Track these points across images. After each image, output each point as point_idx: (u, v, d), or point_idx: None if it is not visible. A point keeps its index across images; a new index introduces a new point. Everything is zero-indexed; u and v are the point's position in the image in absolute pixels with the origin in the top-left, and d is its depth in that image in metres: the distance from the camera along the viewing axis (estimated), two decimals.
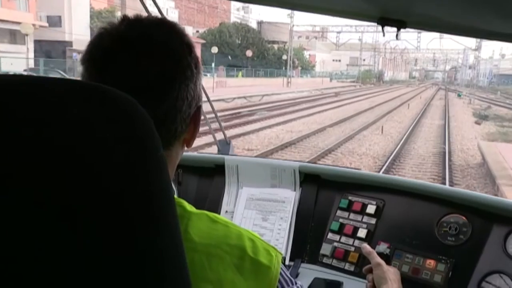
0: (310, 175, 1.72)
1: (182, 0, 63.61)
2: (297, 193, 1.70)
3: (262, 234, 1.61)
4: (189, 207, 0.73)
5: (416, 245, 1.50)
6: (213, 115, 2.00)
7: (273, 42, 62.31)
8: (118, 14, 41.52)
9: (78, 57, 37.33)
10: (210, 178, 1.82)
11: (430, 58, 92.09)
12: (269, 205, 1.69)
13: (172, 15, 63.61)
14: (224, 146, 2.01)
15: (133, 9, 46.61)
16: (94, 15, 39.72)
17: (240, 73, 45.42)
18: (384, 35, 1.39)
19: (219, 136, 2.10)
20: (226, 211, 1.73)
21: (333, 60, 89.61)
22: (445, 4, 1.07)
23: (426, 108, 26.40)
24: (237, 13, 76.36)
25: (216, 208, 1.74)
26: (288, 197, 1.69)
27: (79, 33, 36.29)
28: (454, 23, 1.31)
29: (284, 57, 44.98)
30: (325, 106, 24.81)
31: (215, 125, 2.08)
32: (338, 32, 78.38)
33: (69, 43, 35.93)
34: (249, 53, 48.68)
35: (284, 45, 62.32)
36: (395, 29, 1.33)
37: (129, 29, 0.72)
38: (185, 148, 0.79)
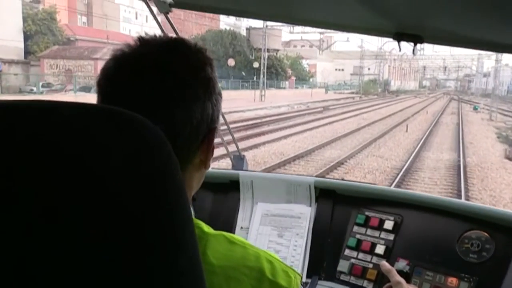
0: (325, 191, 1.70)
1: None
2: (313, 209, 1.68)
3: (278, 251, 1.61)
4: (207, 228, 0.74)
5: (437, 262, 1.45)
6: (225, 127, 1.97)
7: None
8: (57, 16, 36.01)
9: (2, 67, 31.56)
10: (224, 194, 1.80)
11: (440, 65, 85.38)
12: (284, 221, 1.67)
13: (153, 23, 58.02)
14: (238, 161, 2.05)
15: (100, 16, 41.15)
16: (29, 17, 33.70)
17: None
18: (400, 49, 1.43)
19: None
20: (241, 227, 1.71)
21: (336, 70, 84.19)
22: (462, 18, 1.11)
23: (432, 129, 19.55)
24: (227, 20, 70.55)
25: (231, 224, 1.72)
26: (304, 213, 1.67)
27: (8, 38, 30.35)
28: (472, 37, 1.33)
29: (256, 64, 38.54)
30: (296, 128, 18.32)
31: (227, 138, 1.94)
32: (333, 41, 72.16)
33: None
34: (231, 62, 43.03)
35: (276, 53, 56.72)
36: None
37: (137, 51, 0.73)
38: (204, 169, 0.79)
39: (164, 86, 0.70)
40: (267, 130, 16.85)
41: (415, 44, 1.33)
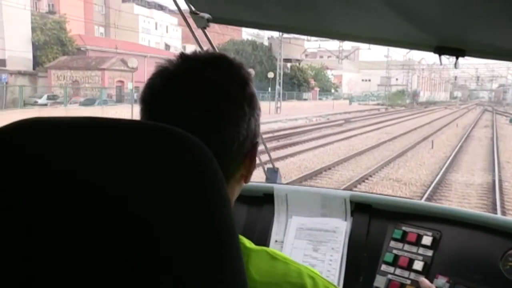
0: (361, 205, 1.67)
1: (188, 18, 56.78)
2: (348, 223, 1.65)
3: (313, 265, 1.60)
4: (248, 243, 0.75)
5: (479, 280, 1.42)
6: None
7: (286, 60, 54.57)
8: (67, 26, 35.10)
9: (9, 79, 31.05)
10: (259, 207, 1.79)
11: (472, 75, 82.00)
12: (320, 235, 1.66)
13: (174, 34, 57.26)
14: (272, 174, 2.05)
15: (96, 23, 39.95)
16: (38, 27, 32.75)
17: None
18: (441, 63, 1.44)
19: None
20: (276, 241, 1.70)
21: (363, 80, 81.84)
22: (506, 31, 1.10)
23: (462, 145, 17.23)
24: (249, 30, 69.32)
25: (266, 238, 1.71)
26: (339, 227, 1.65)
27: (17, 49, 29.43)
28: None
29: (271, 74, 36.70)
30: (308, 143, 16.46)
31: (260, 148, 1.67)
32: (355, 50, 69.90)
33: (1, 62, 29.04)
34: (250, 72, 41.40)
35: (299, 63, 55.04)
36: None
37: (181, 68, 0.74)
38: (244, 183, 0.80)
39: (212, 104, 0.71)
40: (275, 146, 14.92)
41: (457, 58, 1.35)
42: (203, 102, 0.70)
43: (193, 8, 1.66)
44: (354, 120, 28.88)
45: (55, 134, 0.43)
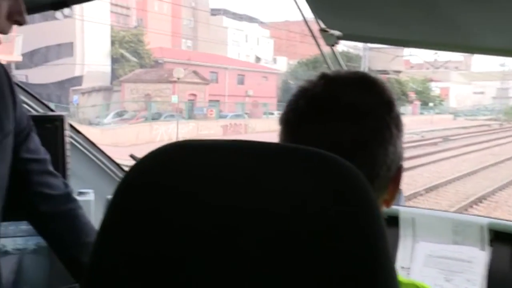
0: (502, 234, 1.55)
1: (280, 29, 55.01)
2: (487, 253, 1.55)
3: None
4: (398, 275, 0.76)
5: None
6: None
7: (382, 72, 50.35)
8: (144, 38, 34.35)
9: (80, 99, 29.14)
10: None
11: None
12: (453, 264, 1.58)
13: (266, 46, 55.54)
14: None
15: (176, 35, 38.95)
16: (116, 40, 32.23)
17: None
18: None
19: None
20: (402, 267, 1.64)
21: (475, 93, 74.19)
22: None
23: None
24: (345, 41, 65.72)
25: None
26: (476, 257, 1.56)
27: (96, 63, 29.00)
28: None
29: None
30: None
31: None
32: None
33: (78, 79, 28.71)
34: None
35: (398, 75, 50.49)
36: None
37: (324, 89, 0.72)
38: (385, 207, 0.78)
39: (360, 126, 0.69)
40: None
41: None
42: (351, 124, 0.68)
43: (322, 25, 1.64)
44: (454, 138, 24.40)
45: (206, 157, 0.43)
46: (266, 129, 26.25)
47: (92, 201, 1.70)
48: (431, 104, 54.26)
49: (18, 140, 1.14)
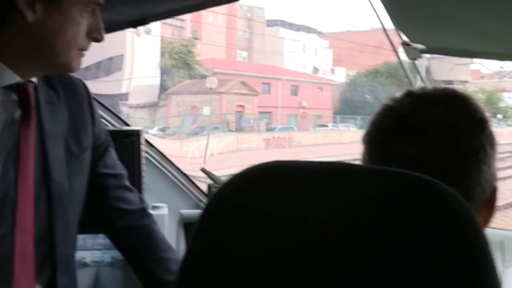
0: None
1: (339, 40, 53.62)
2: None
3: None
4: None
5: None
6: None
7: (447, 82, 47.72)
8: (196, 47, 33.96)
9: (129, 110, 25.69)
10: None
11: None
12: None
13: (324, 56, 54.29)
14: None
15: (212, 42, 38.61)
16: (166, 51, 32.10)
17: None
18: None
19: None
20: None
21: None
22: None
23: None
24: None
25: None
26: None
27: (145, 76, 29.02)
28: None
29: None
30: None
31: None
32: None
33: (124, 96, 28.84)
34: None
35: (464, 85, 47.63)
36: None
37: (411, 107, 0.70)
38: None
39: (453, 147, 0.67)
40: None
41: None
42: (442, 145, 0.66)
43: (405, 39, 1.60)
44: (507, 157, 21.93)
45: (294, 180, 0.43)
46: (313, 142, 25.20)
47: (165, 215, 1.71)
48: (499, 116, 50.86)
49: (96, 155, 1.19)
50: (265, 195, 0.44)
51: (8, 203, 0.97)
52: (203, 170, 1.99)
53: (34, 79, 1.04)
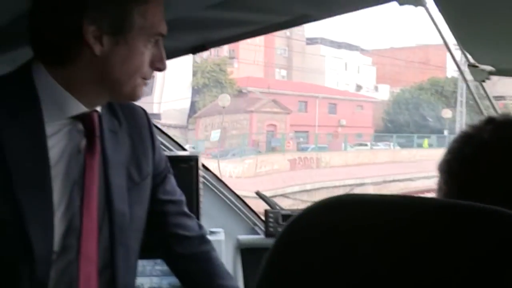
0: None
1: (383, 56, 52.02)
2: None
3: None
4: None
5: None
6: None
7: (499, 97, 44.94)
8: (233, 66, 33.31)
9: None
10: None
11: None
12: None
13: (368, 73, 52.76)
14: None
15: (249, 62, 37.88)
16: (198, 71, 31.67)
17: (425, 141, 32.27)
18: None
19: None
20: None
21: None
22: None
23: None
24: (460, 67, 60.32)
25: None
26: None
27: (174, 98, 28.70)
28: None
29: (447, 113, 29.14)
30: None
31: None
32: None
33: (156, 116, 28.54)
34: (445, 113, 34.60)
35: None
36: None
37: (492, 135, 0.68)
38: None
39: None
40: None
41: None
42: None
43: (471, 60, 1.55)
44: None
45: (365, 214, 0.43)
46: (343, 163, 23.72)
47: (222, 240, 1.73)
48: None
49: (155, 182, 1.20)
50: (338, 228, 0.43)
51: (73, 231, 1.00)
52: (258, 193, 2.04)
53: (98, 108, 1.06)
